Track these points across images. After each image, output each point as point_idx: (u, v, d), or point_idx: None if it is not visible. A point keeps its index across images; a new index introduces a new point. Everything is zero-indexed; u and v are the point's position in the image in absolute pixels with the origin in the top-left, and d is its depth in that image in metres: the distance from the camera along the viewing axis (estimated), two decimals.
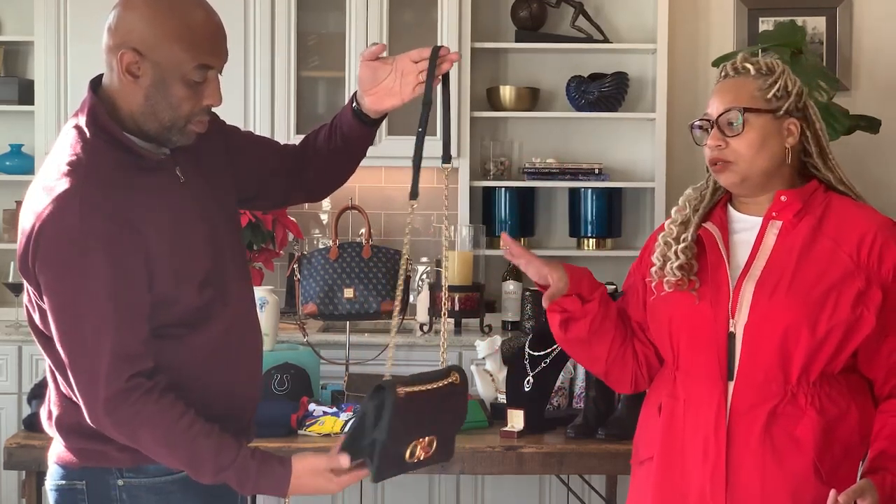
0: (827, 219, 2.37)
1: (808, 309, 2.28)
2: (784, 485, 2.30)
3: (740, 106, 2.36)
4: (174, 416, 2.11)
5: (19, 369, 4.73)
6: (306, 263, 3.81)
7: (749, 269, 2.36)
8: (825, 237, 2.34)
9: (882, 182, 5.21)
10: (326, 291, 3.73)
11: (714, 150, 2.39)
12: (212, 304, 2.20)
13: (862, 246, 2.32)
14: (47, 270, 2.08)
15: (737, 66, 2.42)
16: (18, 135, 5.17)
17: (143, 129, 2.17)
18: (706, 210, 2.46)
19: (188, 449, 2.13)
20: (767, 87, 2.38)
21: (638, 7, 5.27)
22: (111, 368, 2.08)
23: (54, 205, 2.07)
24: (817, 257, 2.32)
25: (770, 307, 2.30)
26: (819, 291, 2.29)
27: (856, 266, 2.31)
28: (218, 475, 2.14)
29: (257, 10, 4.96)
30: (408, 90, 2.36)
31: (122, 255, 2.08)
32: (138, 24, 2.12)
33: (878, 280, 2.31)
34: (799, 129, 2.40)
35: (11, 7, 5.26)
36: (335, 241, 3.84)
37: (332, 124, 2.45)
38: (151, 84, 2.14)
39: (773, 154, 2.38)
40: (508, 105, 5.15)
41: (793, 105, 2.39)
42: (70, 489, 2.22)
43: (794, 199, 2.38)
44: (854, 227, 2.35)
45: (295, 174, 2.48)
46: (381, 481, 2.21)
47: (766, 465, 2.30)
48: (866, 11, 5.26)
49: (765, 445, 2.30)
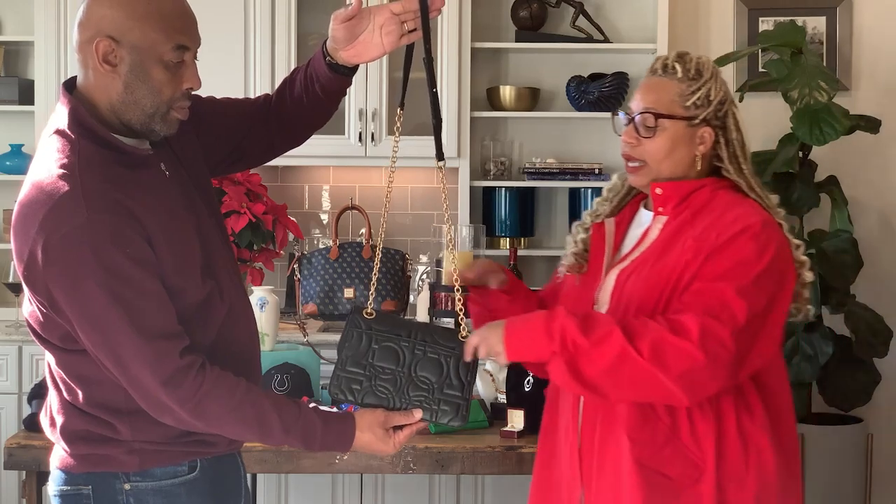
0: (702, 214, 2.37)
1: (652, 295, 2.32)
2: (630, 459, 2.32)
3: (657, 111, 2.38)
4: (233, 384, 2.14)
5: (19, 369, 4.72)
6: (306, 263, 3.81)
7: (625, 260, 2.43)
8: (691, 227, 2.36)
9: (882, 182, 5.21)
10: (326, 291, 3.73)
11: (626, 145, 2.43)
12: (211, 298, 2.20)
13: (711, 227, 2.32)
14: (63, 278, 2.06)
15: (667, 64, 2.42)
16: (18, 135, 5.17)
17: (125, 121, 2.15)
18: (622, 201, 2.54)
19: (254, 410, 2.15)
20: (689, 93, 2.39)
21: (638, 7, 5.27)
22: (160, 348, 2.07)
23: (58, 210, 2.05)
24: (676, 247, 2.35)
25: (622, 295, 2.37)
26: (663, 278, 2.32)
27: (693, 242, 2.32)
28: (287, 433, 2.17)
29: (257, 10, 4.96)
30: (391, 41, 2.34)
31: (131, 242, 2.07)
32: (109, 11, 2.11)
33: (706, 249, 2.30)
34: (713, 138, 2.41)
35: (11, 7, 5.26)
36: (335, 241, 3.84)
37: (305, 76, 2.42)
38: (130, 70, 2.12)
39: (680, 160, 2.41)
40: (508, 105, 5.15)
41: (711, 114, 2.40)
42: (75, 494, 2.20)
43: (671, 193, 2.40)
44: (717, 217, 2.35)
45: (273, 126, 2.46)
46: (439, 424, 2.32)
47: (614, 438, 2.34)
48: (866, 11, 5.26)
49: (610, 422, 2.35)
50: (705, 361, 2.20)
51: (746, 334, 2.24)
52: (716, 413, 2.32)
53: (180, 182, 2.25)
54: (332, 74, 2.38)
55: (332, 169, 5.26)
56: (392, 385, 2.29)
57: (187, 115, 2.21)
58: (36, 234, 2.06)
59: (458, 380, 2.29)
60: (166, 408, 2.11)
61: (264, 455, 3.19)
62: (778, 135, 4.89)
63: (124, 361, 2.09)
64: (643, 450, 2.31)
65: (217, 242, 2.29)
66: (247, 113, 2.47)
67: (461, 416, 2.29)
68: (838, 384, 4.85)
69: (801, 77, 4.70)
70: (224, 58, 4.84)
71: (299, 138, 2.53)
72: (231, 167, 2.54)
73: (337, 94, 2.45)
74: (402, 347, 2.30)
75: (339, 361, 2.31)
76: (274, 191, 4.51)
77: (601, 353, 2.22)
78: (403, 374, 2.29)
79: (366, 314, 2.33)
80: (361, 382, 2.29)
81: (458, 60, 4.94)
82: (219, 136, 2.41)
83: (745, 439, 2.33)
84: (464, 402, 2.29)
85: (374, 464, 3.21)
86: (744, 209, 2.34)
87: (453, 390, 2.29)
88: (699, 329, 2.20)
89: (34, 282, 2.09)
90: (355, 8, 2.32)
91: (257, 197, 3.99)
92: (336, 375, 2.31)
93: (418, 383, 2.29)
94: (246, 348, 2.32)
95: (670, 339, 2.21)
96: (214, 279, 2.22)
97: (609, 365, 2.22)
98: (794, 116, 4.67)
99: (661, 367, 2.20)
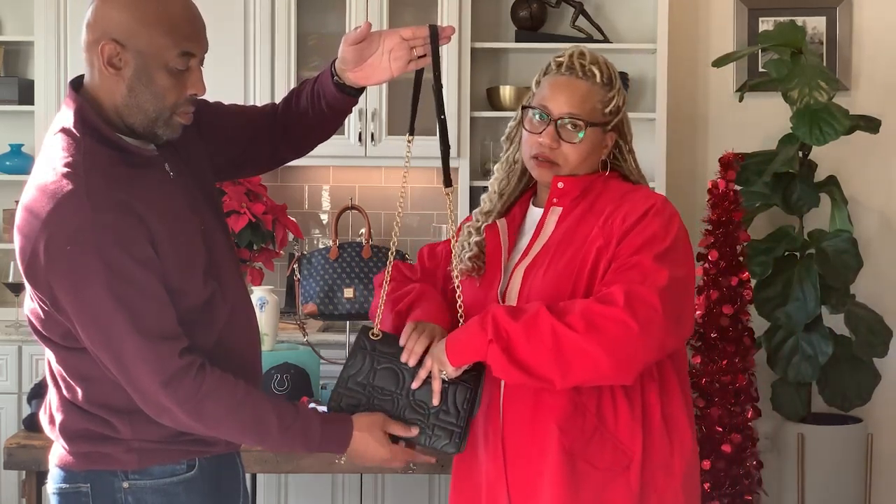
0: (599, 202, 2.41)
1: (564, 286, 2.33)
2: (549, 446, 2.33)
3: (586, 118, 2.40)
4: (231, 385, 2.14)
5: (19, 369, 4.72)
6: (306, 263, 3.81)
7: (526, 256, 2.43)
8: (592, 216, 2.39)
9: (882, 182, 5.21)
10: (326, 291, 3.73)
11: (545, 147, 2.41)
12: (214, 299, 2.21)
13: (615, 214, 2.35)
14: (64, 276, 2.06)
15: (585, 66, 2.43)
16: (18, 135, 5.17)
17: (129, 124, 2.16)
18: (511, 199, 2.53)
19: (252, 411, 2.16)
20: (607, 100, 2.43)
21: (638, 7, 5.27)
22: (160, 350, 2.08)
23: (61, 208, 2.05)
24: (579, 237, 2.37)
25: (532, 289, 2.37)
26: (573, 268, 2.34)
27: (601, 230, 2.34)
28: (284, 434, 2.18)
29: (257, 10, 4.96)
30: (399, 67, 2.36)
31: (135, 242, 2.07)
32: (116, 14, 2.11)
33: (616, 234, 2.33)
34: (614, 142, 2.46)
35: (11, 7, 5.26)
36: (335, 241, 3.84)
37: (312, 92, 2.43)
38: (134, 74, 2.12)
39: (591, 163, 2.45)
40: (508, 105, 5.15)
41: (618, 121, 2.45)
42: (74, 492, 2.20)
43: (572, 187, 2.43)
44: (618, 203, 2.38)
45: (278, 135, 2.47)
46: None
47: (542, 428, 2.34)
48: (866, 11, 5.26)
49: (532, 408, 2.35)
50: (637, 327, 2.20)
51: (671, 295, 2.25)
52: (642, 401, 2.34)
53: (184, 183, 2.25)
54: (339, 94, 2.40)
55: (332, 169, 5.26)
56: (390, 406, 2.32)
57: (191, 120, 2.21)
58: (39, 232, 2.06)
59: (455, 407, 2.31)
60: (165, 409, 2.11)
61: (264, 455, 3.19)
62: (778, 135, 4.89)
63: (124, 361, 2.09)
64: (573, 440, 2.32)
65: (221, 244, 2.29)
66: (252, 120, 2.48)
67: (454, 444, 2.32)
68: (838, 384, 4.86)
69: (801, 77, 4.71)
70: (224, 58, 4.84)
71: (302, 149, 2.55)
72: (235, 172, 2.54)
73: (342, 112, 2.46)
74: (403, 370, 2.32)
75: (341, 380, 2.35)
76: (274, 191, 4.51)
77: (533, 334, 2.22)
78: (402, 396, 2.32)
79: (372, 335, 2.37)
80: (360, 401, 2.32)
81: (458, 60, 4.94)
82: (223, 141, 2.42)
83: (669, 424, 2.36)
84: (458, 429, 2.31)
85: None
86: (641, 193, 2.41)
87: (449, 417, 2.31)
88: (624, 295, 2.21)
89: (36, 279, 2.09)
90: (364, 31, 2.34)
91: (257, 197, 3.99)
92: (336, 392, 2.34)
93: (415, 406, 2.32)
94: (247, 350, 2.32)
95: (598, 308, 2.22)
96: (217, 281, 2.22)
97: (543, 346, 2.22)
98: (794, 116, 4.68)
99: (594, 336, 2.20)
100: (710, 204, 4.49)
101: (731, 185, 4.48)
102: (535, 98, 2.45)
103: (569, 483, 2.31)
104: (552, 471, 2.32)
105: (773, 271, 4.77)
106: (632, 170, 2.49)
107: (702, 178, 5.11)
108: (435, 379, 2.29)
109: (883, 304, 5.05)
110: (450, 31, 2.36)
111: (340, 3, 4.98)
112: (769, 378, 4.88)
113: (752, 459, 4.45)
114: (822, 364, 4.73)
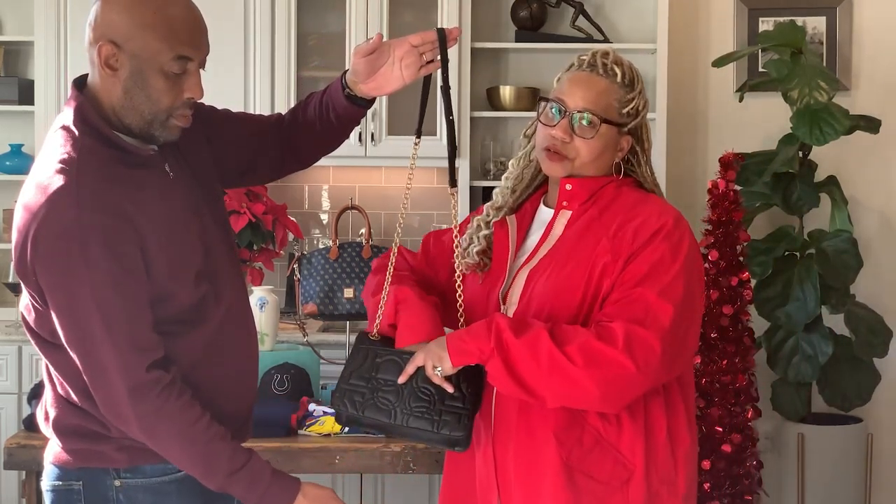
0: (609, 210, 2.38)
1: (565, 295, 2.32)
2: (541, 457, 2.32)
3: (601, 114, 2.38)
4: (194, 415, 2.12)
5: (19, 369, 4.73)
6: (306, 263, 3.81)
7: (532, 258, 2.41)
8: (601, 226, 2.36)
9: (882, 182, 5.21)
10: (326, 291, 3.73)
11: (558, 140, 2.40)
12: (206, 300, 2.20)
13: (626, 228, 2.33)
14: (49, 271, 2.07)
15: (607, 65, 2.42)
16: (18, 135, 5.18)
17: (125, 124, 2.16)
18: (524, 195, 2.51)
19: (204, 448, 2.13)
20: (626, 101, 2.41)
21: (638, 7, 5.27)
22: (128, 360, 2.07)
23: (50, 203, 2.06)
24: (587, 245, 2.35)
25: (533, 293, 2.35)
26: (576, 279, 2.32)
27: (609, 243, 2.32)
28: (230, 477, 2.14)
29: (257, 10, 4.96)
30: (410, 73, 2.37)
31: (122, 247, 2.07)
32: (115, 16, 2.12)
33: (624, 253, 2.30)
34: (629, 146, 2.44)
35: (11, 7, 5.26)
36: (335, 241, 3.84)
37: (321, 104, 2.44)
38: (129, 76, 2.13)
39: (603, 164, 2.42)
40: (508, 105, 5.15)
41: (636, 125, 2.43)
42: (66, 490, 2.21)
43: (581, 189, 2.41)
44: (629, 216, 2.36)
45: (285, 146, 2.48)
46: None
47: (540, 438, 2.33)
48: (866, 11, 5.26)
49: (523, 417, 2.34)
50: (635, 369, 2.20)
51: (674, 336, 2.24)
52: (645, 417, 2.33)
53: (185, 184, 2.25)
54: (351, 105, 2.40)
55: (332, 169, 5.26)
56: (394, 396, 2.30)
57: (189, 123, 2.21)
58: (28, 226, 2.07)
59: (460, 391, 2.30)
60: (123, 416, 2.11)
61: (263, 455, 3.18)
62: (778, 135, 4.89)
63: (93, 362, 2.09)
64: (571, 452, 2.31)
65: (220, 246, 2.29)
66: (260, 129, 2.48)
67: (463, 426, 2.29)
68: (838, 384, 4.86)
69: (801, 77, 4.71)
70: (224, 58, 4.83)
71: (307, 161, 2.55)
72: (240, 180, 2.53)
73: (352, 123, 2.47)
74: (405, 360, 2.31)
75: (343, 375, 2.34)
76: (274, 190, 4.50)
77: (532, 355, 2.22)
78: (406, 385, 2.30)
79: (371, 337, 2.38)
80: (364, 394, 2.31)
81: (458, 60, 4.93)
82: (230, 147, 2.42)
83: (673, 440, 2.35)
84: (465, 411, 2.30)
85: (374, 464, 3.21)
86: (653, 206, 2.37)
87: (454, 401, 2.30)
88: (624, 336, 2.20)
89: (25, 274, 2.11)
90: (376, 42, 2.35)
91: (257, 197, 3.99)
92: (339, 388, 2.33)
93: (420, 394, 2.30)
94: (242, 352, 2.32)
95: (597, 345, 2.21)
96: (212, 283, 2.22)
97: (540, 369, 2.22)
98: (794, 116, 4.68)
99: (590, 372, 2.20)
100: (710, 204, 4.49)
101: (731, 185, 4.48)
102: (554, 92, 2.44)
103: (567, 495, 2.30)
104: (550, 482, 2.31)
105: (773, 271, 4.77)
106: (646, 177, 2.46)
107: (702, 178, 5.11)
108: (432, 376, 2.28)
109: (883, 304, 5.05)
110: (456, 33, 2.38)
111: (340, 3, 4.98)
112: (769, 378, 4.88)
113: (752, 459, 4.45)
114: (822, 364, 4.73)
